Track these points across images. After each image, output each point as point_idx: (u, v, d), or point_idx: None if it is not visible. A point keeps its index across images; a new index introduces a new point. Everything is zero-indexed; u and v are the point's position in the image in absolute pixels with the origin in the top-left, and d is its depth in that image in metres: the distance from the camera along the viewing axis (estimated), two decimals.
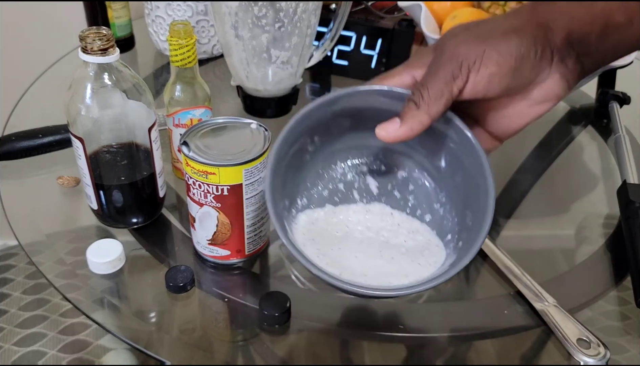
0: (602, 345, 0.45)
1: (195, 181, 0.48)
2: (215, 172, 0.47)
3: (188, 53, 0.57)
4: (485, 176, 0.41)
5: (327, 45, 0.76)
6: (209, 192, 0.48)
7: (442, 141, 0.44)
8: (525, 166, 0.71)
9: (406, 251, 0.46)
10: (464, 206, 0.44)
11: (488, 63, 0.38)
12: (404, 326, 0.49)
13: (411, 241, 0.47)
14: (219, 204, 0.48)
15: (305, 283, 0.52)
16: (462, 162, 0.44)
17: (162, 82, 0.85)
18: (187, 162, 0.48)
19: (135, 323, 0.49)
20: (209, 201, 0.49)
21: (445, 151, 0.45)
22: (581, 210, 0.65)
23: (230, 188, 0.47)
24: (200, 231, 0.51)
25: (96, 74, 0.50)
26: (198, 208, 0.50)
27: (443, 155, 0.46)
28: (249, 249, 0.52)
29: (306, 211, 0.48)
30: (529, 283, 0.51)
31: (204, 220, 0.50)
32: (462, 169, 0.44)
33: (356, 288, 0.39)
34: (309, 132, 0.46)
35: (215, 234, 0.50)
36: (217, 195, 0.48)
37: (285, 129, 0.42)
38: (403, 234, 0.47)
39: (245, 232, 0.51)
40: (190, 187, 0.49)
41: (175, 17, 0.82)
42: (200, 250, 0.53)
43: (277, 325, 0.48)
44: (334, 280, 0.39)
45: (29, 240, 0.56)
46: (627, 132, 0.71)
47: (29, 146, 0.65)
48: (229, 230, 0.50)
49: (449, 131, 0.43)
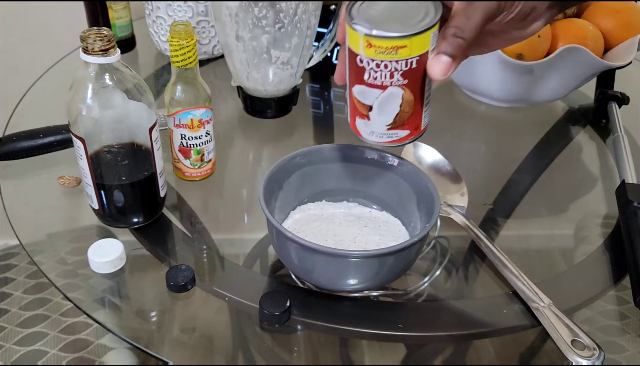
0: (597, 346, 0.45)
1: (380, 62, 0.42)
2: (407, 44, 0.41)
3: (189, 54, 0.57)
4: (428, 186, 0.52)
5: (327, 46, 0.77)
6: (397, 69, 0.43)
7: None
8: (524, 166, 0.72)
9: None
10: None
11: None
12: (403, 325, 0.49)
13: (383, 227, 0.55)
14: (407, 80, 0.43)
15: (305, 283, 0.52)
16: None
17: (162, 82, 0.85)
18: (369, 44, 0.42)
19: (136, 323, 0.49)
20: (396, 80, 0.43)
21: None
22: (580, 210, 0.65)
23: (419, 58, 0.42)
24: (378, 118, 0.46)
25: (97, 74, 0.50)
26: (379, 92, 0.44)
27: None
28: (424, 122, 0.48)
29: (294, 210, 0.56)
30: (525, 283, 0.51)
31: (387, 104, 0.45)
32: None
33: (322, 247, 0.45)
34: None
35: (398, 115, 0.45)
36: (406, 70, 0.43)
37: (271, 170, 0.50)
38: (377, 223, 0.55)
39: (423, 104, 0.46)
40: (369, 72, 0.43)
41: (175, 18, 0.83)
42: (375, 140, 0.47)
43: (277, 325, 0.48)
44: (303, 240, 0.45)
45: (30, 240, 0.57)
46: (625, 133, 0.71)
47: (30, 146, 0.65)
48: (412, 107, 0.45)
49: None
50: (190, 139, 0.61)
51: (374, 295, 0.51)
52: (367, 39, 0.42)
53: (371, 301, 0.51)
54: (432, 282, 0.54)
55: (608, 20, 0.76)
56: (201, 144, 0.62)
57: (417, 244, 0.48)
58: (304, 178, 0.55)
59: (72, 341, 0.74)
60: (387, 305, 0.51)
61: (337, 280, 0.48)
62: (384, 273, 0.48)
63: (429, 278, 0.54)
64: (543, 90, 0.74)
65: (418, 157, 0.63)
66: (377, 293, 0.51)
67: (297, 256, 0.48)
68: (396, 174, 0.55)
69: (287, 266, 0.52)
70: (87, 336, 0.74)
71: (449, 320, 0.50)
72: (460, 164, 0.63)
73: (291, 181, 0.54)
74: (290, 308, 0.48)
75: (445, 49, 0.42)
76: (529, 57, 0.71)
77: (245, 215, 0.63)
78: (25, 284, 0.82)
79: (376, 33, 0.41)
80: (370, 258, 0.46)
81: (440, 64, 0.42)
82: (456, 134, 0.79)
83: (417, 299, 0.52)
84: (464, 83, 0.81)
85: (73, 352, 0.73)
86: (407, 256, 0.48)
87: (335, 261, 0.47)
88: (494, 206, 0.64)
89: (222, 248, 0.57)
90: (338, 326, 0.49)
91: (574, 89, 0.77)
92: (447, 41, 0.42)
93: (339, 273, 0.48)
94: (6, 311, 0.77)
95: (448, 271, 0.55)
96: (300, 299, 0.50)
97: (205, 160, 0.63)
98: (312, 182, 0.56)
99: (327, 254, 0.45)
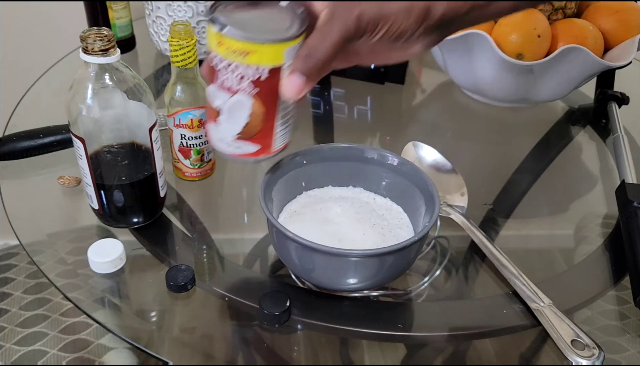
0: (597, 346, 0.45)
1: (229, 63, 0.41)
2: (256, 50, 0.41)
3: (188, 54, 0.57)
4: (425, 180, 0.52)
5: None
6: (246, 75, 0.42)
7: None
8: (524, 166, 0.72)
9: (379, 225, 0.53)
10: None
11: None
12: (403, 325, 0.49)
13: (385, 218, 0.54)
14: (257, 90, 0.42)
15: (305, 283, 0.52)
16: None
17: (162, 82, 0.85)
18: (219, 41, 0.41)
19: (136, 323, 0.49)
20: (245, 87, 0.42)
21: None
22: (580, 210, 0.65)
23: (271, 70, 0.42)
24: (226, 125, 0.45)
25: (97, 74, 0.50)
26: (228, 96, 0.43)
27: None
28: (276, 144, 0.47)
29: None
30: (525, 283, 0.51)
31: (235, 111, 0.44)
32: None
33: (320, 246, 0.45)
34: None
35: (247, 126, 0.45)
36: (255, 79, 0.42)
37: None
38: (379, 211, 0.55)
39: (275, 124, 0.45)
40: (219, 72, 0.42)
41: (175, 18, 0.83)
42: (223, 148, 0.46)
43: (277, 325, 0.48)
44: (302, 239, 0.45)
45: (30, 240, 0.57)
46: (625, 133, 0.71)
47: (30, 146, 0.65)
48: (261, 122, 0.44)
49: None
50: (190, 139, 0.61)
51: (374, 295, 0.51)
52: (219, 36, 0.41)
53: (371, 301, 0.51)
54: (432, 282, 0.54)
55: (608, 20, 0.76)
56: (201, 144, 0.62)
57: (417, 244, 0.48)
58: (304, 178, 0.55)
59: (72, 341, 0.74)
60: (387, 304, 0.51)
61: (338, 279, 0.48)
62: (383, 273, 0.48)
63: (429, 278, 0.54)
64: (543, 90, 0.74)
65: (418, 157, 0.64)
66: (377, 293, 0.52)
67: (297, 256, 0.48)
68: (396, 173, 0.55)
69: (287, 266, 0.52)
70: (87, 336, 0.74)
71: (449, 320, 0.50)
72: (460, 164, 0.63)
73: (291, 181, 0.54)
74: (290, 308, 0.48)
75: (297, 67, 0.41)
76: (529, 57, 0.71)
77: (245, 215, 0.63)
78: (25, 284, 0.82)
79: (226, 32, 0.40)
80: (370, 257, 0.46)
81: (291, 83, 0.41)
82: (456, 134, 0.79)
83: (417, 299, 0.52)
84: (464, 83, 0.81)
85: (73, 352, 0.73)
86: (407, 255, 0.48)
87: (335, 260, 0.47)
88: (494, 206, 0.64)
89: (222, 248, 0.57)
90: (338, 326, 0.49)
91: (574, 89, 0.77)
92: (300, 61, 0.41)
93: (339, 272, 0.48)
94: (6, 311, 0.77)
95: (448, 271, 0.55)
96: (300, 299, 0.50)
97: (205, 160, 0.63)
98: (312, 181, 0.56)
99: (327, 254, 0.45)
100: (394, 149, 0.57)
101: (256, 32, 0.41)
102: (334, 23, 0.40)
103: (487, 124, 0.82)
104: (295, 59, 0.41)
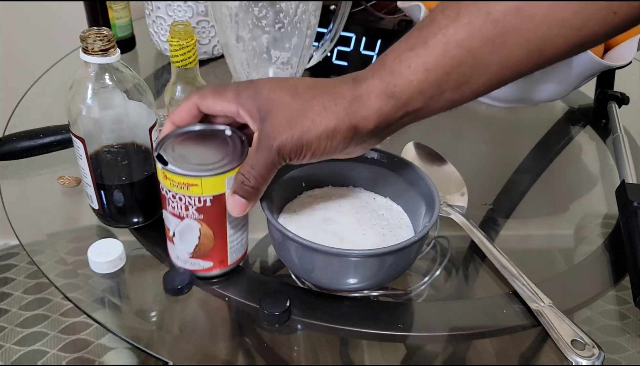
0: (597, 346, 0.45)
1: (175, 194, 0.46)
2: (197, 183, 0.45)
3: (189, 54, 0.57)
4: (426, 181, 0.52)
5: (326, 46, 0.77)
6: (191, 204, 0.46)
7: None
8: (524, 166, 0.72)
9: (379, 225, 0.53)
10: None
11: (304, 155, 0.43)
12: (403, 325, 0.49)
13: (386, 218, 0.54)
14: (202, 215, 0.46)
15: (305, 283, 0.52)
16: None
17: (162, 82, 0.85)
18: (165, 175, 0.45)
19: (136, 322, 0.49)
20: (191, 214, 0.46)
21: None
22: (580, 210, 0.65)
23: (213, 198, 0.45)
24: (180, 246, 0.49)
25: (97, 74, 0.50)
26: (178, 221, 0.47)
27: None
28: (231, 258, 0.51)
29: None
30: (525, 283, 0.51)
31: (185, 234, 0.48)
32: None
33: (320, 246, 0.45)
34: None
35: (198, 247, 0.48)
36: (200, 207, 0.46)
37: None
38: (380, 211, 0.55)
39: (228, 241, 0.49)
40: (168, 201, 0.47)
41: (175, 18, 0.83)
42: (181, 264, 0.51)
43: (277, 325, 0.48)
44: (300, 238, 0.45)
45: (30, 240, 0.57)
46: (625, 132, 0.71)
47: (30, 146, 0.65)
48: (211, 241, 0.48)
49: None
50: None
51: (374, 295, 0.51)
52: (163, 171, 0.45)
53: (371, 301, 0.51)
54: (432, 282, 0.54)
55: None
56: None
57: (417, 244, 0.48)
58: (304, 178, 0.55)
59: (72, 341, 0.74)
60: (387, 304, 0.51)
61: (338, 279, 0.48)
62: (384, 273, 0.48)
63: (429, 278, 0.54)
64: (543, 90, 0.74)
65: (418, 157, 0.64)
66: (377, 293, 0.52)
67: (297, 256, 0.48)
68: (396, 173, 0.55)
69: (287, 266, 0.52)
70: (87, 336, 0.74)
71: (449, 320, 0.50)
72: (460, 164, 0.63)
73: (291, 181, 0.54)
74: (290, 308, 0.48)
75: (236, 190, 0.45)
76: None
77: None
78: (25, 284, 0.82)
79: (169, 168, 0.45)
80: (370, 257, 0.46)
81: (235, 203, 0.45)
82: (456, 134, 0.79)
83: (417, 299, 0.52)
84: None
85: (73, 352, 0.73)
86: (407, 255, 0.48)
87: (335, 260, 0.47)
88: (494, 206, 0.64)
89: None
90: (338, 326, 0.49)
91: (574, 89, 0.77)
92: (237, 186, 0.45)
93: (339, 272, 0.48)
94: (6, 311, 0.77)
95: (448, 271, 0.55)
96: (300, 299, 0.50)
97: None
98: (312, 181, 0.56)
99: (327, 254, 0.45)
100: (394, 149, 0.57)
101: (197, 167, 0.45)
102: (259, 154, 0.43)
103: (487, 124, 0.82)
104: (234, 184, 0.45)
